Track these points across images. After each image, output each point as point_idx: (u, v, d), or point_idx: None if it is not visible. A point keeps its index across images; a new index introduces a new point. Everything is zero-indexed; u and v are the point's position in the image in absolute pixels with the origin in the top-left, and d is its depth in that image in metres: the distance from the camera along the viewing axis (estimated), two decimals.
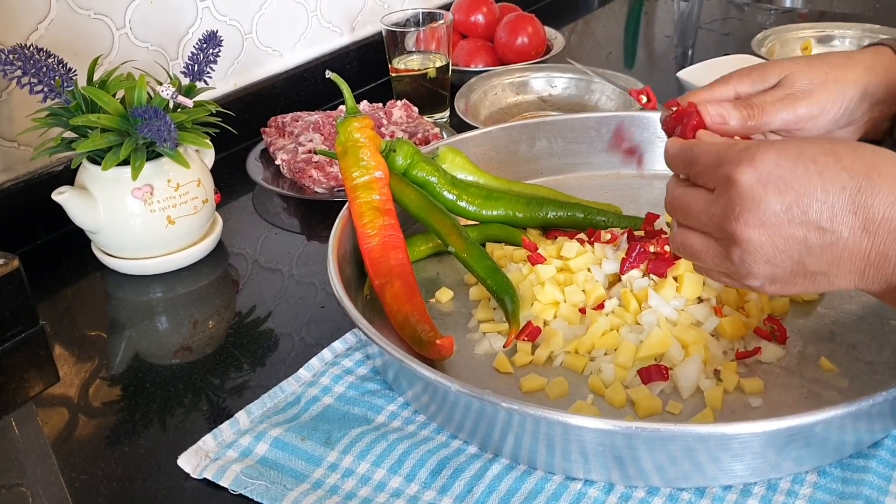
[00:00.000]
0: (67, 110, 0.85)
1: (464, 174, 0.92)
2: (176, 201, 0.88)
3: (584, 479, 0.63)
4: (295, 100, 1.25)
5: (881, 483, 0.62)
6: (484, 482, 0.63)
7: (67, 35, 0.98)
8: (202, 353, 0.81)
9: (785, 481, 0.63)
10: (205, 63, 0.91)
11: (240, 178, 1.08)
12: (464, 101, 1.21)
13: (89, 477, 0.67)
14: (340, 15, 1.33)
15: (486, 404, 0.62)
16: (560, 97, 1.28)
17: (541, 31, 1.40)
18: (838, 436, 0.62)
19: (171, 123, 0.82)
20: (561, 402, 0.71)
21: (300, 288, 0.90)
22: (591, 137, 1.03)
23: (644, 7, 1.78)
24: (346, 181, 0.83)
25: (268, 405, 0.72)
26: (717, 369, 0.72)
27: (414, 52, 1.21)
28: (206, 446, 0.68)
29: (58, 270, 0.94)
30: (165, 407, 0.74)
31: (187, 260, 0.92)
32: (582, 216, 0.90)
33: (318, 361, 0.76)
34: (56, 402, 0.76)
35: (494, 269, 0.80)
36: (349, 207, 0.83)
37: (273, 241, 0.99)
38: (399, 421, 0.70)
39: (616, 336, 0.75)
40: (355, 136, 0.83)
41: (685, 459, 0.60)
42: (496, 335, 0.77)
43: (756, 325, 0.76)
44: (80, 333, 0.85)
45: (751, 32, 1.45)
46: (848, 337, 0.76)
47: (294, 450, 0.66)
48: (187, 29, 1.11)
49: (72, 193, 0.86)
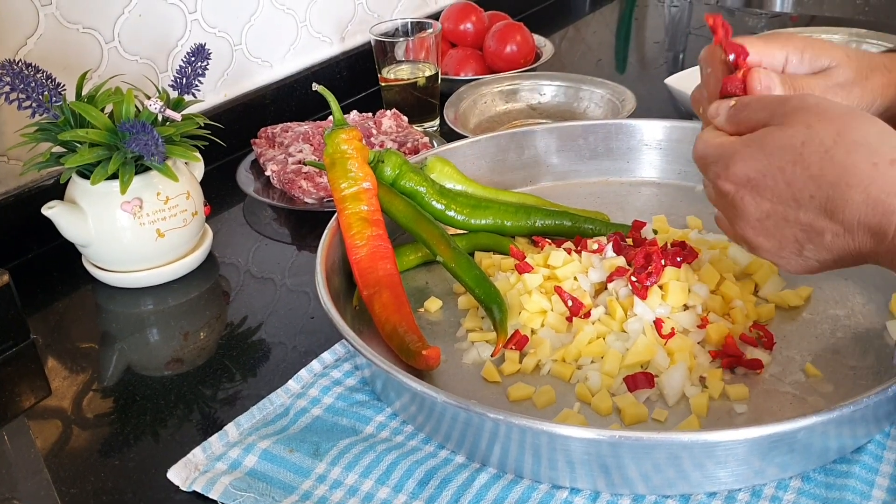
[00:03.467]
0: (56, 125, 0.86)
1: (452, 184, 0.93)
2: (165, 214, 0.89)
3: (571, 488, 0.64)
4: (285, 110, 1.26)
5: (864, 488, 0.63)
6: (471, 492, 0.64)
7: (56, 49, 0.98)
8: (193, 364, 0.82)
9: (769, 487, 0.64)
10: (193, 76, 0.91)
11: (230, 189, 1.09)
12: (453, 109, 1.22)
13: (79, 491, 0.68)
14: (330, 25, 1.34)
15: (472, 415, 0.62)
16: (549, 105, 1.29)
17: (530, 39, 1.41)
18: (822, 441, 0.63)
19: (159, 137, 0.82)
20: (548, 410, 0.71)
21: (291, 298, 0.90)
22: (580, 145, 1.04)
23: (634, 13, 1.78)
24: (334, 192, 0.83)
25: (257, 417, 0.72)
26: (703, 376, 0.73)
27: (403, 62, 1.22)
28: (196, 459, 0.68)
29: (49, 284, 0.94)
30: (157, 419, 0.75)
31: (178, 272, 0.93)
32: (570, 224, 0.91)
33: (307, 373, 0.77)
34: (48, 415, 0.76)
35: (482, 279, 0.80)
36: (337, 218, 0.83)
37: (264, 251, 0.99)
38: (387, 432, 0.70)
39: (602, 344, 0.75)
40: (343, 147, 0.84)
41: (670, 467, 0.61)
42: (484, 344, 0.78)
43: (742, 331, 0.76)
44: (72, 346, 0.85)
45: (741, 37, 1.45)
46: (833, 342, 0.76)
47: (282, 461, 0.67)
48: (176, 41, 1.12)
49: (61, 208, 0.87)
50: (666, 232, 0.89)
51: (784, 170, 0.58)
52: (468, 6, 1.44)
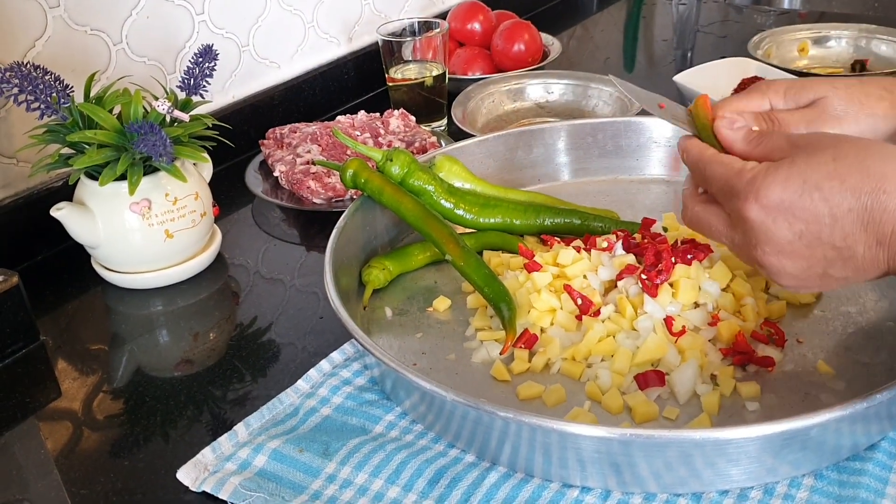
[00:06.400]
0: (64, 127, 0.86)
1: (461, 182, 0.93)
2: (174, 215, 0.89)
3: (581, 487, 0.64)
4: (293, 111, 1.26)
5: (878, 486, 0.62)
6: (481, 491, 0.64)
7: (64, 51, 0.98)
8: (203, 365, 0.82)
9: (782, 485, 0.63)
10: (201, 77, 0.91)
11: (239, 190, 1.09)
12: (461, 109, 1.22)
13: (90, 491, 0.68)
14: (337, 25, 1.34)
15: (482, 413, 0.62)
16: (557, 103, 1.29)
17: (537, 37, 1.41)
18: (835, 439, 0.62)
19: (167, 138, 0.82)
20: (558, 409, 0.71)
21: (300, 298, 0.90)
22: (588, 144, 1.03)
23: (642, 10, 1.78)
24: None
25: (266, 417, 0.72)
26: (714, 374, 0.72)
27: (410, 62, 1.21)
28: (205, 459, 0.68)
29: (58, 286, 0.94)
30: (166, 420, 0.75)
31: (187, 273, 0.93)
32: (579, 222, 0.90)
33: (317, 372, 0.76)
34: (58, 416, 0.76)
35: (491, 277, 0.80)
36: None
37: (272, 252, 0.99)
38: (397, 431, 0.70)
39: (612, 342, 0.75)
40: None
41: (681, 465, 0.61)
42: (493, 343, 0.77)
43: (753, 329, 0.76)
44: (82, 348, 0.85)
45: (749, 34, 1.45)
46: (845, 339, 0.76)
47: (292, 461, 0.67)
48: (184, 42, 1.12)
49: (70, 209, 0.87)
50: (676, 229, 0.89)
51: (821, 186, 0.58)
52: (475, 5, 1.44)
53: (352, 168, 0.86)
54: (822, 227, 0.58)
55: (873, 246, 0.58)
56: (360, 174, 0.86)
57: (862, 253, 0.58)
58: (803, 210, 0.59)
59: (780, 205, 0.59)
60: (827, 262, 0.60)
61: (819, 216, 0.58)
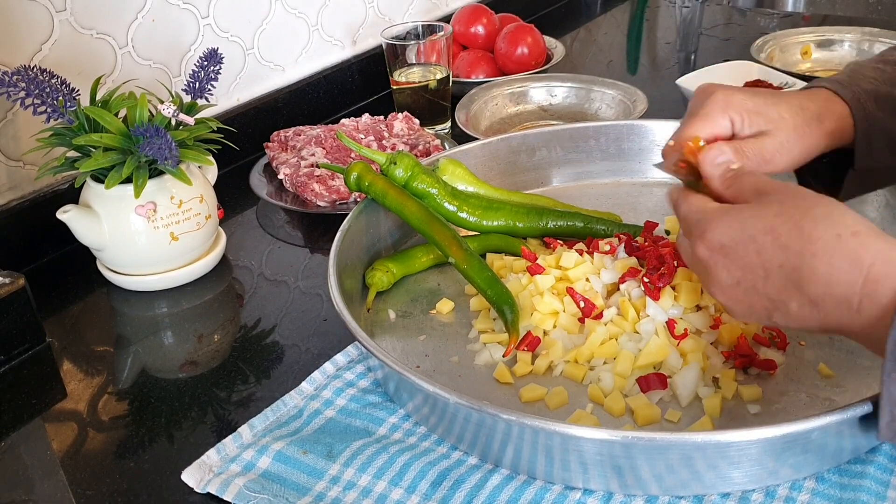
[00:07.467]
0: (71, 130, 0.86)
1: (464, 185, 0.93)
2: (179, 218, 0.89)
3: (584, 489, 0.64)
4: (297, 114, 1.27)
5: (879, 489, 0.62)
6: (484, 493, 0.64)
7: (70, 55, 0.99)
8: (208, 366, 0.82)
9: (783, 488, 0.63)
10: (206, 80, 0.92)
11: (244, 193, 1.10)
12: (464, 112, 1.22)
13: (95, 492, 0.68)
14: (341, 29, 1.34)
15: (485, 415, 0.62)
16: (560, 106, 1.29)
17: (540, 41, 1.41)
18: (836, 442, 0.63)
19: (172, 141, 0.83)
20: (561, 411, 0.71)
21: (304, 300, 0.91)
22: (591, 146, 1.04)
23: (646, 14, 1.78)
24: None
25: (270, 419, 0.72)
26: (716, 377, 0.72)
27: (414, 65, 1.22)
28: (210, 461, 0.68)
29: (64, 288, 0.95)
30: (171, 421, 0.75)
31: (191, 275, 0.93)
32: (581, 225, 0.91)
33: (321, 374, 0.77)
34: (64, 417, 0.77)
35: (494, 280, 0.80)
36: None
37: (277, 254, 1.00)
38: (400, 433, 0.71)
39: (615, 345, 0.75)
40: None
41: (683, 468, 0.61)
42: (496, 345, 0.78)
43: (755, 332, 0.76)
44: (87, 349, 0.86)
45: (753, 37, 1.45)
46: (846, 342, 0.76)
47: (296, 463, 0.67)
48: (189, 46, 1.13)
49: (76, 212, 0.87)
50: (678, 232, 0.89)
51: (756, 239, 0.59)
52: (479, 8, 1.45)
53: (356, 171, 0.87)
54: (757, 279, 0.60)
55: (806, 304, 0.58)
56: (364, 177, 0.87)
57: (796, 310, 0.59)
58: (739, 259, 0.60)
59: (721, 249, 0.61)
60: (767, 311, 0.61)
61: (753, 267, 0.60)
